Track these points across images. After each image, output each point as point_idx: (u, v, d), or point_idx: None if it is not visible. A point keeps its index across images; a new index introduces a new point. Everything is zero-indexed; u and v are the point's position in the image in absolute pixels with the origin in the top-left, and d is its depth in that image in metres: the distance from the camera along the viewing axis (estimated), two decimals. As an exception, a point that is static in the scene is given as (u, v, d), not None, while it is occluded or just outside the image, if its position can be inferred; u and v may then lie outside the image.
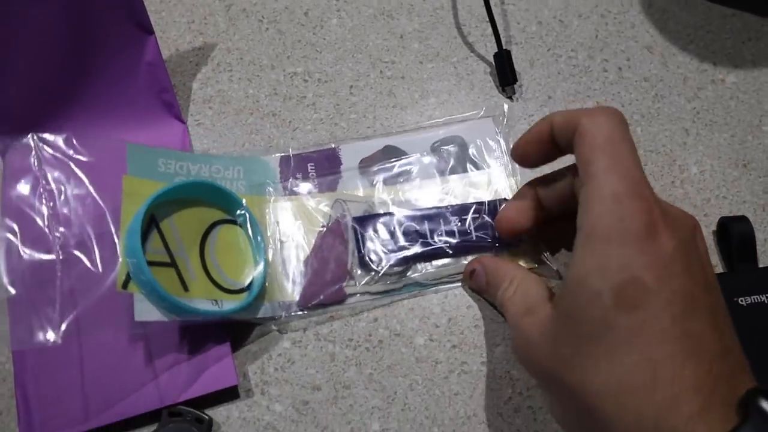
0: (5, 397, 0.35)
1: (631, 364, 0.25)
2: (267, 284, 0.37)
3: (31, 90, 0.38)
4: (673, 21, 0.47)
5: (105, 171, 0.37)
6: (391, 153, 0.41)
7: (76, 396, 0.34)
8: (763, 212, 0.41)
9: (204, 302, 0.34)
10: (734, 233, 0.38)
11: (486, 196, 0.40)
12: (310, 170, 0.40)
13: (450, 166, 0.41)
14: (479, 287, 0.37)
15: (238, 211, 0.37)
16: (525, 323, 0.31)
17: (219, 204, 0.37)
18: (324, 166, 0.41)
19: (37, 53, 0.37)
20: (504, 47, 0.43)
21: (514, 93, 0.43)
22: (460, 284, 0.38)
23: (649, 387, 0.24)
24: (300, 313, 0.37)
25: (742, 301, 0.37)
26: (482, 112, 0.42)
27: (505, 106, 0.42)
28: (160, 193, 0.34)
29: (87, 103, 0.40)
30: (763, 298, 0.37)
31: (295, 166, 0.40)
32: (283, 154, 0.41)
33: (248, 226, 0.37)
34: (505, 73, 0.43)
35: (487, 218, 0.39)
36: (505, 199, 0.39)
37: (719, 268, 0.39)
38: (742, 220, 0.39)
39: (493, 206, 0.39)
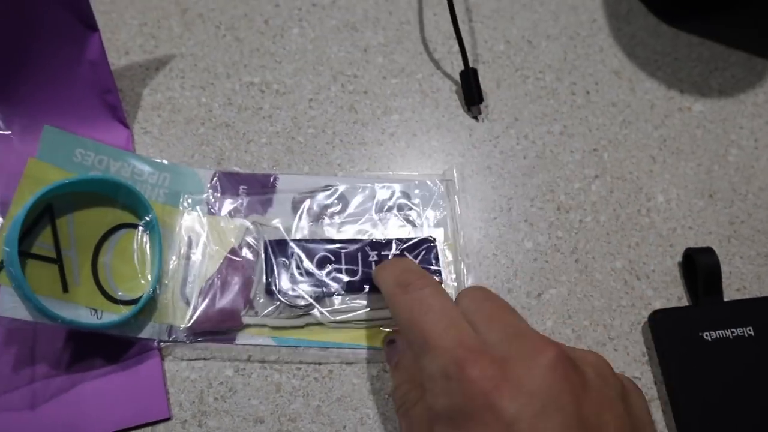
0: None
1: None
2: (160, 302, 0.34)
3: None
4: (641, 47, 0.46)
5: (11, 150, 0.34)
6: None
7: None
8: (729, 243, 0.40)
9: (81, 310, 0.32)
10: (700, 265, 0.37)
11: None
12: (241, 192, 0.38)
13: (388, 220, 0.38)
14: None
15: (146, 218, 0.35)
16: None
17: (129, 207, 0.35)
18: (256, 190, 0.38)
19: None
20: (471, 65, 0.42)
21: (480, 113, 0.42)
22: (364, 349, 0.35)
23: None
24: (185, 341, 0.34)
25: (707, 336, 0.36)
26: (437, 177, 0.39)
27: (455, 173, 0.39)
28: (60, 184, 0.32)
29: (21, 94, 0.37)
30: (728, 333, 0.36)
31: (226, 185, 0.38)
32: (217, 170, 0.38)
33: (151, 235, 0.35)
34: (471, 92, 0.41)
35: (409, 256, 0.36)
36: (431, 240, 0.37)
37: (684, 301, 0.38)
38: (708, 251, 0.38)
39: (419, 245, 0.37)
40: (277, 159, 0.40)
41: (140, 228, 0.35)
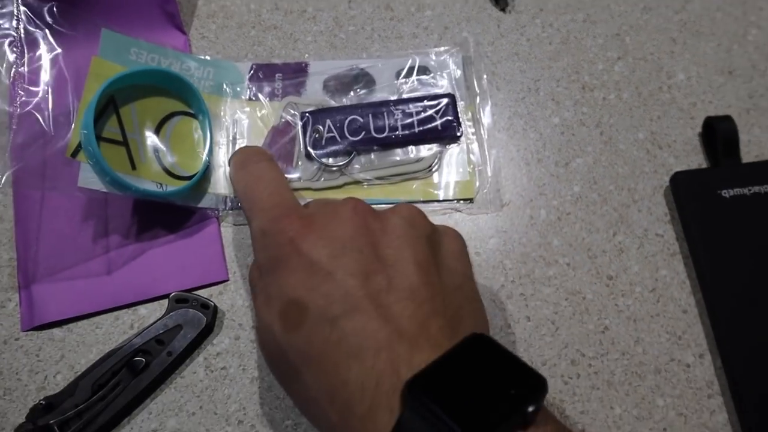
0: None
1: (310, 379, 0.25)
2: (215, 176, 0.39)
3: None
4: (663, -60, 0.48)
5: (78, 48, 0.38)
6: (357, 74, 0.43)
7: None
8: (748, 115, 0.42)
9: (148, 183, 0.36)
10: (719, 130, 0.40)
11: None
12: (276, 79, 0.42)
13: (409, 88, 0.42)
14: None
15: (196, 105, 0.39)
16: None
17: (180, 96, 0.39)
18: (291, 77, 0.42)
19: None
20: (497, -38, 0.45)
21: (507, 5, 0.45)
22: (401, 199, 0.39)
23: (328, 397, 0.25)
24: (239, 208, 0.38)
25: (725, 193, 0.39)
26: (454, 49, 0.43)
27: (471, 42, 0.43)
28: (121, 75, 0.36)
29: (86, 1, 0.41)
30: (746, 190, 0.39)
31: (263, 74, 0.42)
32: (254, 62, 0.43)
33: (201, 120, 0.39)
34: (498, -14, 0.44)
35: (430, 111, 0.40)
36: (451, 95, 0.40)
37: (704, 165, 0.41)
38: (727, 119, 0.40)
39: (439, 100, 0.40)
40: (322, 55, 0.43)
41: (192, 114, 0.39)
